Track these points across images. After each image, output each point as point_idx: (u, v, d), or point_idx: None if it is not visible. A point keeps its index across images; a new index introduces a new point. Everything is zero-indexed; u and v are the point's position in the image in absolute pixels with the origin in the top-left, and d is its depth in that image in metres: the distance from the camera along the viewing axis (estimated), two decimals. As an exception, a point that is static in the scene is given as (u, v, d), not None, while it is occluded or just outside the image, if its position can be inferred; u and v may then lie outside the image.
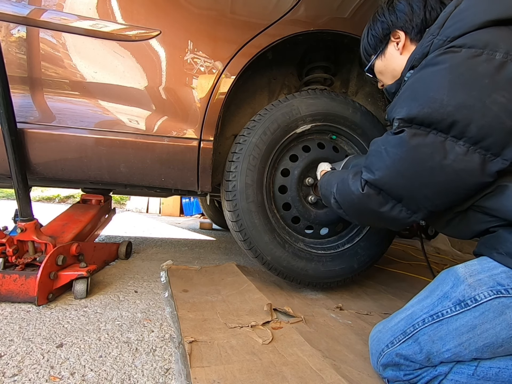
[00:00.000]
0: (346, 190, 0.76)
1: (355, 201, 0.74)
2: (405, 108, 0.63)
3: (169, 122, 1.04)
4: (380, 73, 0.89)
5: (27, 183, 1.01)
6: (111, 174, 1.05)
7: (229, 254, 1.91)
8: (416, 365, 0.61)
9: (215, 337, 0.79)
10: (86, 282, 1.01)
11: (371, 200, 0.70)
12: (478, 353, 0.56)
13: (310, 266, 1.12)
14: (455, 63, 0.58)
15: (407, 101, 0.64)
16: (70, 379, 0.61)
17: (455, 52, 0.59)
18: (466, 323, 0.57)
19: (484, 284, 0.57)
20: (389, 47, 0.82)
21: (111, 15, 0.99)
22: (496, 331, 0.54)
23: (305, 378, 0.65)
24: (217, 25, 1.04)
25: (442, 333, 0.59)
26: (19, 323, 0.81)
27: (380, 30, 0.83)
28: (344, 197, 0.78)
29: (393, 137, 0.65)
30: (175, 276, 1.25)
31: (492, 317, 0.55)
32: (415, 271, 1.68)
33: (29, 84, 0.99)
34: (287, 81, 1.37)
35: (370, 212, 0.73)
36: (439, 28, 0.65)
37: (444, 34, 0.64)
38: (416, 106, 0.61)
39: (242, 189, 1.07)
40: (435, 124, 0.59)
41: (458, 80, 0.58)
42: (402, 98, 0.66)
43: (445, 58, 0.60)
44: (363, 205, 0.72)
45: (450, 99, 0.57)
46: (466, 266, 0.62)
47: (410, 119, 0.62)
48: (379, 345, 0.68)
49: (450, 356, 0.58)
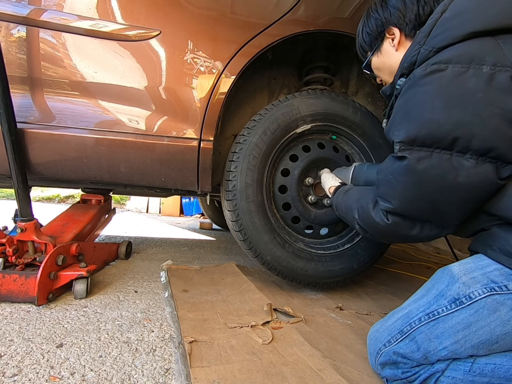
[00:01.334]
0: (370, 220, 0.74)
1: (383, 230, 0.72)
2: (403, 131, 0.63)
3: (169, 122, 1.04)
4: (377, 70, 0.88)
5: (27, 183, 1.01)
6: (111, 174, 1.05)
7: (229, 254, 1.91)
8: (414, 363, 0.62)
9: (215, 337, 0.79)
10: (86, 282, 1.01)
11: (399, 227, 0.68)
12: (474, 350, 0.57)
13: (310, 266, 1.12)
14: (444, 83, 0.58)
15: (403, 123, 0.64)
16: (70, 379, 0.61)
17: (441, 71, 0.59)
18: (461, 321, 0.58)
19: (478, 282, 0.58)
20: (384, 44, 0.81)
21: (111, 15, 0.98)
22: (491, 328, 0.55)
23: (305, 378, 0.65)
24: (217, 25, 1.04)
25: (438, 331, 0.59)
26: (19, 323, 0.81)
27: (374, 27, 0.81)
28: (370, 226, 0.76)
29: (398, 166, 0.65)
30: (175, 276, 1.25)
31: (486, 314, 0.56)
32: (415, 271, 1.68)
33: (29, 84, 0.99)
34: (287, 81, 1.37)
35: (401, 236, 0.72)
36: (425, 37, 0.65)
37: (430, 44, 0.64)
38: (413, 128, 0.61)
39: (242, 189, 1.07)
40: (437, 143, 0.58)
41: (450, 99, 0.57)
42: (397, 120, 0.66)
43: (433, 79, 0.60)
44: (393, 232, 0.71)
45: (447, 118, 0.57)
46: (461, 265, 0.63)
47: (411, 141, 0.61)
48: (376, 344, 0.68)
49: (447, 354, 0.58)
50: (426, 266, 1.87)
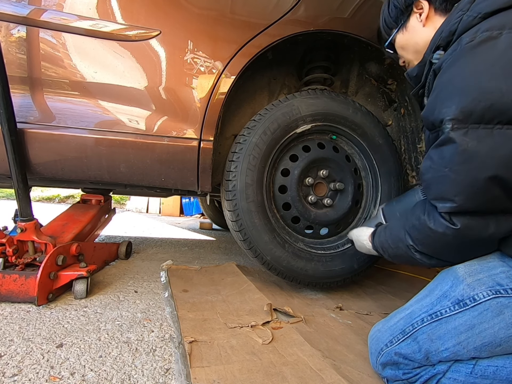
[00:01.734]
0: (431, 236, 0.62)
1: (453, 241, 0.60)
2: (454, 106, 0.55)
3: (169, 122, 1.04)
4: (401, 48, 0.83)
5: (27, 183, 1.01)
6: (111, 174, 1.05)
7: (229, 254, 1.91)
8: (415, 364, 0.61)
9: (215, 337, 0.79)
10: (86, 282, 1.01)
11: (472, 228, 0.57)
12: (477, 352, 0.56)
13: (310, 266, 1.12)
14: (501, 50, 0.53)
15: (454, 98, 0.55)
16: (70, 379, 0.61)
17: (495, 38, 0.53)
18: (464, 323, 0.57)
19: (483, 284, 0.57)
20: (411, 19, 0.77)
21: (111, 15, 0.98)
22: (495, 330, 0.54)
23: (305, 378, 0.65)
24: (217, 25, 1.04)
25: (441, 332, 0.58)
26: (19, 323, 0.81)
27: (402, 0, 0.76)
28: (433, 245, 0.64)
29: (452, 153, 0.55)
30: (175, 276, 1.25)
31: (490, 316, 0.55)
32: (415, 271, 1.67)
33: (29, 84, 0.99)
34: (287, 81, 1.37)
35: (477, 240, 0.59)
36: (470, 3, 0.60)
37: (475, 10, 0.58)
38: (469, 101, 0.53)
39: (242, 189, 1.07)
40: (499, 116, 0.51)
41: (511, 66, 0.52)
42: (446, 96, 0.57)
43: (487, 47, 0.54)
44: (466, 239, 0.59)
45: (510, 86, 0.51)
46: (466, 266, 0.61)
47: (466, 117, 0.53)
48: (378, 344, 0.68)
49: (449, 355, 0.58)
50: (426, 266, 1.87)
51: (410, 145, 1.32)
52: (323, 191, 1.20)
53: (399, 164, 1.25)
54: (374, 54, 1.21)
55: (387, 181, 1.22)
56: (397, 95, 1.33)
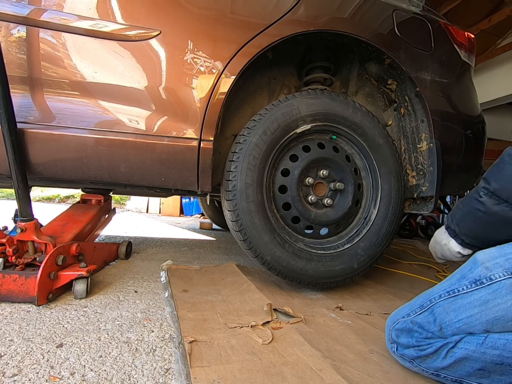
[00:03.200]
0: (503, 166, 0.67)
1: None
2: None
3: (169, 122, 1.04)
4: None
5: (27, 183, 1.01)
6: (111, 174, 1.05)
7: (229, 254, 1.91)
8: (429, 334, 0.65)
9: (215, 337, 0.79)
10: (86, 282, 1.01)
11: None
12: (489, 325, 0.59)
13: (310, 266, 1.12)
14: None
15: None
16: (70, 379, 0.61)
17: None
18: (479, 298, 0.61)
19: (500, 266, 0.60)
20: None
21: (111, 15, 0.98)
22: (507, 305, 0.57)
23: (305, 378, 0.65)
24: (217, 25, 1.04)
25: (456, 305, 0.63)
26: (19, 323, 0.80)
27: None
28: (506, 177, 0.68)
29: None
30: (175, 276, 1.25)
31: (504, 293, 0.58)
32: (415, 271, 1.68)
33: (29, 84, 0.99)
34: (287, 81, 1.37)
35: None
36: None
37: None
38: None
39: (242, 189, 1.07)
40: None
41: None
42: None
43: None
44: None
45: None
46: (485, 253, 0.66)
47: None
48: (395, 317, 0.73)
49: (461, 326, 0.61)
50: (427, 266, 1.88)
51: (410, 145, 1.32)
52: (323, 191, 1.20)
53: (399, 164, 1.25)
54: (374, 54, 1.21)
55: (387, 181, 1.22)
56: (397, 95, 1.33)
